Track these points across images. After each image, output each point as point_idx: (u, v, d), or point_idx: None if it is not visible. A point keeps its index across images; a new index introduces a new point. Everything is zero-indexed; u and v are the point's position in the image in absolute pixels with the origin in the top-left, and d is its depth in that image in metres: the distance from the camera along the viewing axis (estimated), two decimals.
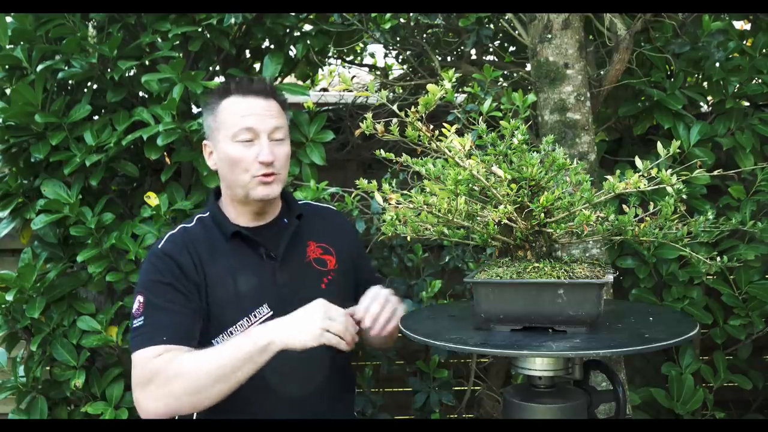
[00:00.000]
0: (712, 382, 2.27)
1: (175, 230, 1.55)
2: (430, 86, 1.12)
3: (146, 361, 1.38)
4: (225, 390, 1.34)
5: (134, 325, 1.43)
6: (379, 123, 1.13)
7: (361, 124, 1.15)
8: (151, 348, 1.39)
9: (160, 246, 1.51)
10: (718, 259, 1.25)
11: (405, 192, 1.20)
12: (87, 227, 2.01)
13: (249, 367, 1.33)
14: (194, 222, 1.57)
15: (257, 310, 1.48)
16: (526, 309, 1.17)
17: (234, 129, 1.48)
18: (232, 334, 1.46)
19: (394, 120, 1.12)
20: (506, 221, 1.18)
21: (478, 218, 1.21)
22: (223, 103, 1.52)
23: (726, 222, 1.26)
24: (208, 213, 1.58)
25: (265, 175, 1.47)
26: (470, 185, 1.17)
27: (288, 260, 1.54)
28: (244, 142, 1.48)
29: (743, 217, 2.12)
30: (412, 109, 1.11)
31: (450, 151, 1.14)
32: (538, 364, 1.21)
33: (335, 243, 1.62)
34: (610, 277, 1.17)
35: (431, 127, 1.14)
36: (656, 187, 1.11)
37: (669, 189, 1.12)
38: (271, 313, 1.48)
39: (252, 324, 1.47)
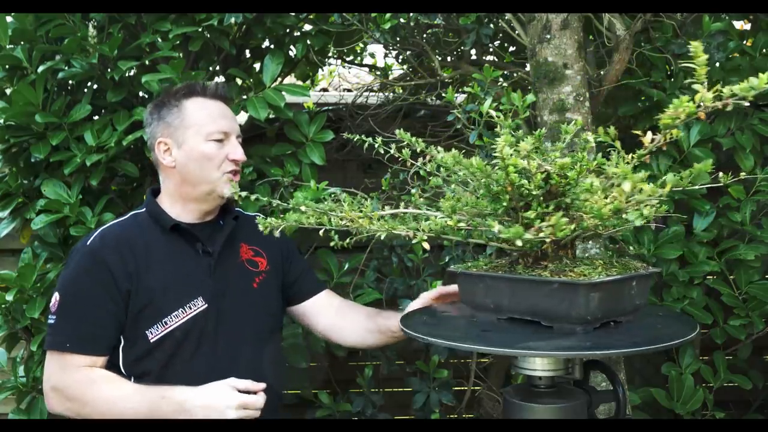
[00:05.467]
0: (712, 382, 2.27)
1: (107, 227, 1.59)
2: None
3: (58, 367, 1.48)
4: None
5: (49, 321, 1.51)
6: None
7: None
8: (62, 355, 1.47)
9: (89, 243, 1.54)
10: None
11: (436, 200, 1.17)
12: (87, 227, 2.01)
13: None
14: (127, 217, 1.62)
15: (192, 302, 1.53)
16: (544, 306, 1.15)
17: (209, 128, 1.56)
18: (166, 324, 1.50)
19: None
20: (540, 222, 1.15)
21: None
22: (188, 102, 1.59)
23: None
24: (144, 209, 1.62)
25: (233, 171, 1.58)
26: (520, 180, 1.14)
27: (223, 258, 1.60)
28: (216, 142, 1.57)
29: (743, 217, 2.12)
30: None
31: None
32: (539, 364, 1.20)
33: (265, 247, 1.70)
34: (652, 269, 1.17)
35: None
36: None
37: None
38: (206, 306, 1.54)
39: (187, 316, 1.52)
